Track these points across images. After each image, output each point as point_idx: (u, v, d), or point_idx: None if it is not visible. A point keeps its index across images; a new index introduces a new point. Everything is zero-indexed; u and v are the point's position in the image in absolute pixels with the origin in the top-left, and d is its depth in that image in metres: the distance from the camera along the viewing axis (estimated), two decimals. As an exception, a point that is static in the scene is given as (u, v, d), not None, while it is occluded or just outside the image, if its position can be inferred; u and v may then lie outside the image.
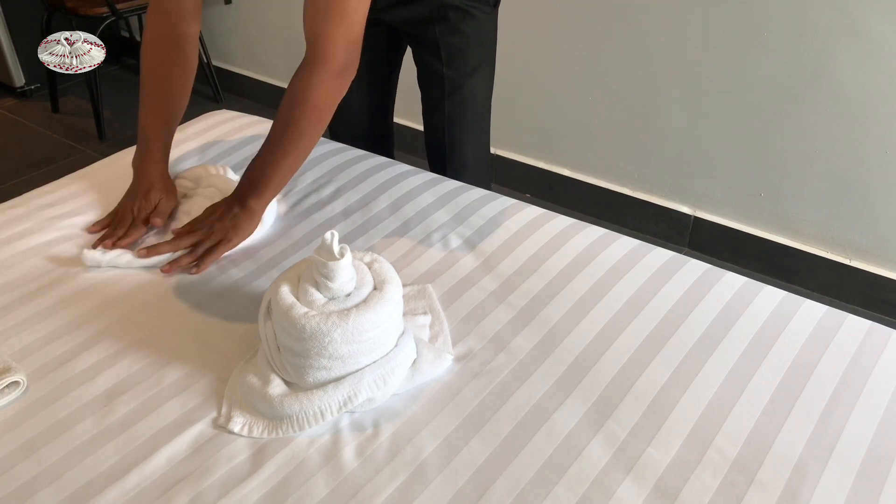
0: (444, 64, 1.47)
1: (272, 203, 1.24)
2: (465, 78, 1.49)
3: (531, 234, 1.22)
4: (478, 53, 1.48)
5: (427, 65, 1.51)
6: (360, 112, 1.57)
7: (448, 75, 1.48)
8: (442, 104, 1.52)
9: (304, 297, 0.91)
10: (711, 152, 2.10)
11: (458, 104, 1.52)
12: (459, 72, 1.48)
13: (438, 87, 1.51)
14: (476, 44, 1.47)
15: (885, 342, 1.02)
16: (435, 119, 1.56)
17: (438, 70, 1.48)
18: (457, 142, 1.56)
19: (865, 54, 1.76)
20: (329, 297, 0.91)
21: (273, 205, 1.25)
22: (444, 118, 1.54)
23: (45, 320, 1.05)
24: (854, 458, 0.86)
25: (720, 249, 2.21)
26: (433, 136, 1.59)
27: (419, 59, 1.52)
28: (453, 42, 1.45)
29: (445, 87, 1.50)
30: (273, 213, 1.26)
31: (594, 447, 0.87)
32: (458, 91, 1.50)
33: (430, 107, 1.56)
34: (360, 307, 0.90)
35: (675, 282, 1.12)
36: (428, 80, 1.53)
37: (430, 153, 1.62)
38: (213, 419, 0.91)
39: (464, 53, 1.46)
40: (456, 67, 1.48)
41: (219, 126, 1.55)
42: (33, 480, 0.83)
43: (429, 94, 1.55)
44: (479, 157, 1.62)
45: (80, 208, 1.29)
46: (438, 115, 1.55)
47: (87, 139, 2.87)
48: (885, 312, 1.99)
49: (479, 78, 1.51)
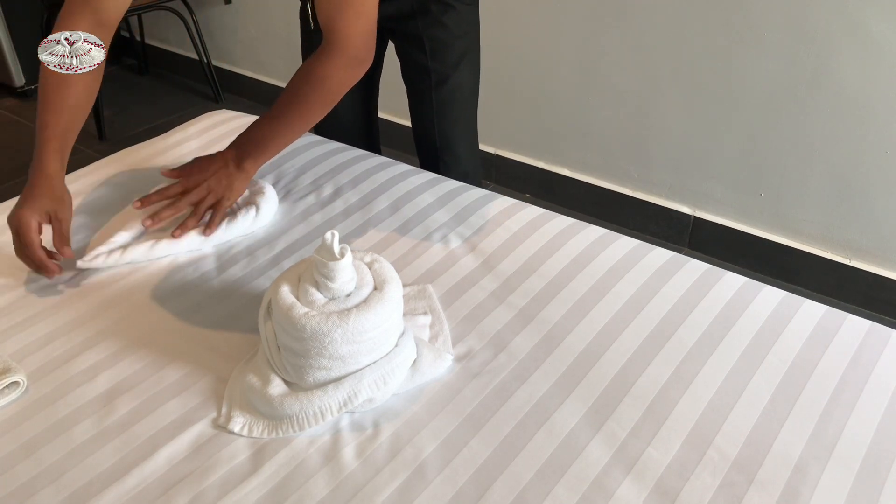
0: (428, 57, 1.47)
1: (272, 194, 1.25)
2: (450, 69, 1.50)
3: (531, 234, 1.22)
4: (461, 45, 1.49)
5: (411, 58, 1.51)
6: (346, 109, 1.58)
7: (433, 68, 1.49)
8: (429, 96, 1.52)
9: (305, 297, 0.91)
10: (711, 152, 2.10)
11: (446, 96, 1.52)
12: (445, 63, 1.49)
13: (425, 80, 1.51)
14: (459, 35, 1.47)
15: (885, 342, 1.01)
16: (423, 112, 1.56)
17: (423, 63, 1.49)
18: (448, 134, 1.57)
19: (865, 54, 1.76)
20: (329, 297, 0.91)
21: (273, 196, 1.26)
22: (432, 111, 1.54)
23: (45, 320, 1.05)
24: (854, 458, 0.86)
25: (720, 249, 2.21)
26: (422, 129, 1.59)
27: (403, 54, 1.53)
28: (436, 34, 1.45)
29: (432, 80, 1.50)
30: (274, 203, 1.27)
31: (594, 447, 0.87)
32: (445, 83, 1.51)
33: (416, 100, 1.56)
34: (360, 307, 0.90)
35: (675, 282, 1.12)
36: (413, 73, 1.53)
37: (419, 147, 1.62)
38: (213, 419, 0.91)
39: (448, 45, 1.47)
40: (441, 59, 1.48)
41: (219, 126, 1.55)
42: (33, 480, 0.83)
43: (415, 88, 1.55)
44: (470, 148, 1.63)
45: (80, 208, 1.29)
46: (426, 108, 1.55)
47: (87, 139, 2.87)
48: (885, 312, 1.99)
49: (465, 69, 1.52)
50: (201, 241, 1.19)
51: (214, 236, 1.19)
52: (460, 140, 1.59)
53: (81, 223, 1.26)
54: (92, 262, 1.14)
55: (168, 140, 1.50)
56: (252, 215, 1.23)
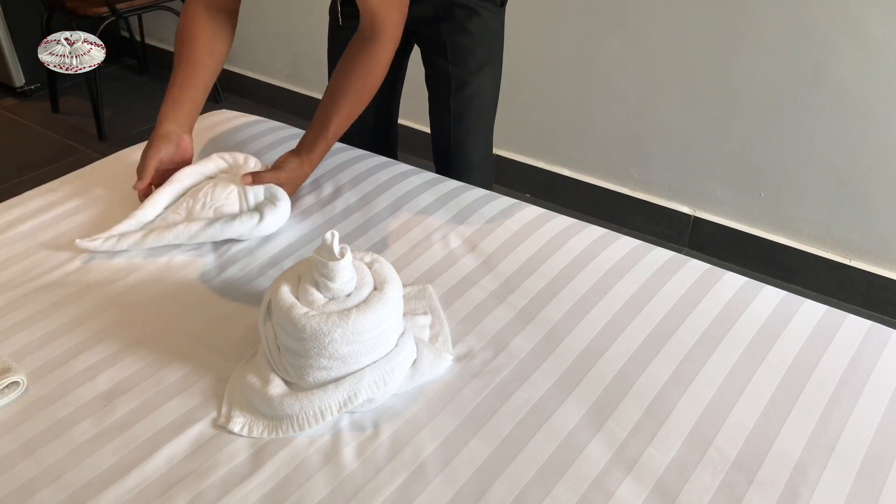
0: (449, 62, 1.47)
1: (284, 209, 1.24)
2: (470, 76, 1.49)
3: (531, 234, 1.22)
4: (484, 52, 1.48)
5: (434, 64, 1.51)
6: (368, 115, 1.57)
7: (454, 73, 1.49)
8: (448, 102, 1.52)
9: (305, 297, 0.91)
10: (711, 152, 2.10)
11: (464, 102, 1.52)
12: (465, 70, 1.48)
13: (444, 86, 1.51)
14: (482, 42, 1.47)
15: (885, 342, 1.02)
16: (441, 119, 1.56)
17: (444, 69, 1.49)
18: (462, 141, 1.57)
19: (866, 54, 1.76)
20: (329, 298, 0.91)
21: (284, 210, 1.24)
22: (449, 117, 1.54)
23: (44, 320, 1.05)
24: (854, 458, 0.86)
25: (720, 249, 2.21)
26: (439, 136, 1.59)
27: (427, 59, 1.53)
28: (459, 40, 1.45)
29: (451, 86, 1.50)
30: (281, 217, 1.24)
31: (594, 447, 0.87)
32: (464, 89, 1.50)
33: (436, 107, 1.56)
34: (360, 307, 0.90)
35: (675, 282, 1.12)
36: (434, 79, 1.53)
37: (435, 153, 1.62)
38: (213, 419, 0.91)
39: (470, 52, 1.47)
40: (462, 65, 1.48)
41: (219, 126, 1.55)
42: (33, 480, 0.83)
43: (436, 94, 1.55)
44: (484, 157, 1.63)
45: (80, 208, 1.29)
46: (444, 114, 1.54)
47: (87, 139, 2.87)
48: (885, 312, 1.99)
49: (485, 76, 1.51)
50: (189, 236, 1.18)
51: (207, 234, 1.19)
52: (474, 148, 1.58)
53: (81, 223, 1.26)
54: (89, 244, 1.17)
55: (168, 140, 1.50)
56: (254, 222, 1.20)
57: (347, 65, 1.27)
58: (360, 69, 1.26)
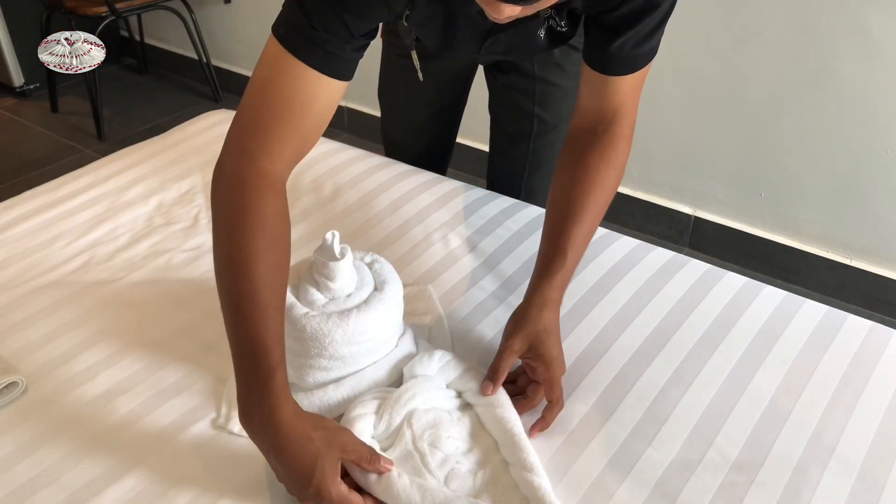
0: (536, 101, 1.26)
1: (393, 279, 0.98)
2: (559, 121, 1.28)
3: (531, 234, 1.22)
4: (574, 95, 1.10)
5: (512, 97, 1.30)
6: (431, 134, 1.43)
7: (539, 114, 1.28)
8: (525, 144, 1.32)
9: (305, 298, 0.91)
10: (711, 152, 2.10)
11: (546, 149, 1.31)
12: (554, 113, 1.28)
13: (524, 125, 1.31)
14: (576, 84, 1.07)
15: (885, 342, 1.01)
16: (511, 156, 1.36)
17: (527, 107, 1.28)
18: (535, 188, 1.36)
19: (866, 54, 1.76)
20: (329, 298, 0.91)
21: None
22: (525, 160, 1.35)
23: (44, 320, 1.05)
24: (854, 459, 0.86)
25: (720, 249, 2.21)
26: (504, 174, 1.39)
27: (502, 87, 1.30)
28: (552, 78, 1.24)
29: (534, 127, 1.30)
30: None
31: (594, 447, 0.87)
32: (548, 134, 1.30)
33: (506, 140, 1.36)
34: (360, 308, 0.89)
35: (675, 282, 1.12)
36: (509, 112, 1.33)
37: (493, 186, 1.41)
38: (213, 419, 0.91)
39: (564, 92, 1.25)
40: (550, 108, 1.27)
41: (218, 126, 1.55)
42: (33, 480, 0.83)
43: (507, 127, 1.35)
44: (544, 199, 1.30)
45: (79, 207, 1.29)
46: (517, 155, 1.35)
47: (87, 139, 2.87)
48: (885, 312, 1.99)
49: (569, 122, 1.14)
50: None
51: None
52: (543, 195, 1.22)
53: (81, 223, 1.26)
54: None
55: (167, 140, 1.50)
56: None
57: (580, 175, 1.00)
58: (603, 171, 1.00)
